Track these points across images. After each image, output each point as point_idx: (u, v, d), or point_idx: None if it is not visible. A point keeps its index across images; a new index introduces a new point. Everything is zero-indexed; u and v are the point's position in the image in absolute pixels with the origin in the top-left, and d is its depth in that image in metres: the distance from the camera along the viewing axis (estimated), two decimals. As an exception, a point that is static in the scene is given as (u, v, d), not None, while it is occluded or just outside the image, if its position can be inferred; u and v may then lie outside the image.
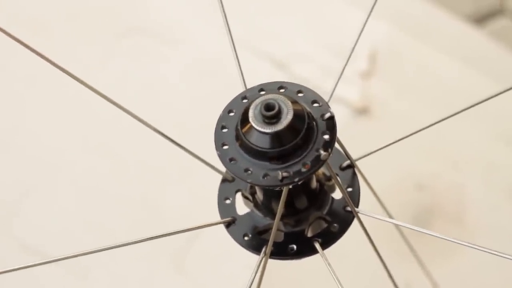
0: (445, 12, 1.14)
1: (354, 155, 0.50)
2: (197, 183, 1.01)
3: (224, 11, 0.47)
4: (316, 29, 1.13)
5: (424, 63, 1.10)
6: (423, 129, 0.50)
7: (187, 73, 1.11)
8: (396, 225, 0.61)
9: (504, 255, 0.43)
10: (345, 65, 0.49)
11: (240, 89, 0.47)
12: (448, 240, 0.45)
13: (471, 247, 0.44)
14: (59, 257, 0.45)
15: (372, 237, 0.48)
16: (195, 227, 0.47)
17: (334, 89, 0.50)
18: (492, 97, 0.48)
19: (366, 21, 0.49)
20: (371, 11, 0.49)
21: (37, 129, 1.07)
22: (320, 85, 1.04)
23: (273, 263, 0.47)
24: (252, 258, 0.47)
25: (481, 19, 1.17)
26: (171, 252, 0.97)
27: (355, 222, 0.48)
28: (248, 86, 0.46)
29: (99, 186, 1.03)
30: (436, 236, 0.46)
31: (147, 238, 0.46)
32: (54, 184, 1.03)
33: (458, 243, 0.45)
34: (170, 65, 1.12)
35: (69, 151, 1.05)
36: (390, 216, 0.56)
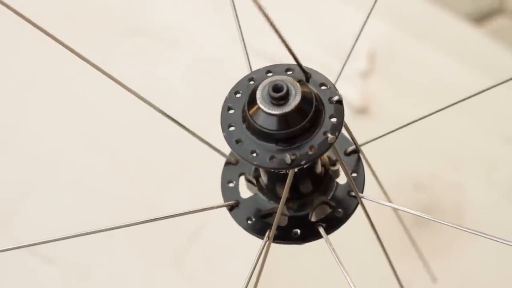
0: (445, 11, 1.14)
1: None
2: (196, 182, 1.01)
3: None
4: (314, 28, 1.13)
5: (423, 62, 1.10)
6: (420, 119, 0.50)
7: (187, 73, 1.11)
8: (398, 217, 0.61)
9: (506, 242, 0.44)
10: (344, 64, 0.49)
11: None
12: (452, 226, 0.45)
13: (474, 233, 0.44)
14: (33, 242, 0.44)
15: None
16: (198, 210, 0.47)
17: (335, 83, 0.50)
18: (484, 90, 0.48)
19: (366, 20, 0.49)
20: (370, 11, 0.49)
21: (36, 128, 1.07)
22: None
23: (274, 258, 0.46)
24: (254, 254, 0.46)
25: (480, 18, 1.17)
26: (172, 251, 0.97)
27: (359, 208, 0.48)
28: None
29: (99, 185, 1.03)
30: (439, 222, 0.46)
31: (146, 221, 0.46)
32: (54, 183, 1.03)
33: (461, 229, 0.45)
34: (170, 65, 1.12)
35: (68, 150, 1.05)
36: (390, 201, 0.56)
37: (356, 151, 0.49)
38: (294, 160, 0.40)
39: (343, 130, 0.46)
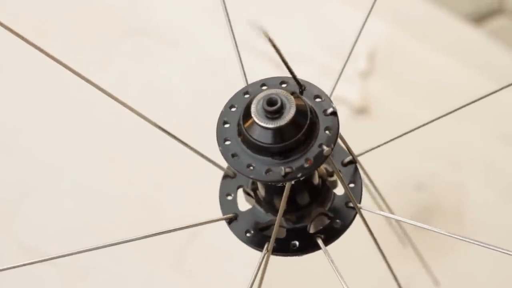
0: (444, 11, 1.14)
1: (355, 153, 0.50)
2: (196, 183, 1.01)
3: (225, 4, 0.47)
4: (315, 29, 1.13)
5: (423, 63, 1.10)
6: (424, 125, 0.50)
7: (187, 73, 1.11)
8: (398, 222, 0.61)
9: (504, 251, 0.44)
10: (344, 64, 0.49)
11: (241, 87, 0.47)
12: (449, 236, 0.45)
13: (472, 242, 0.44)
14: (55, 255, 0.45)
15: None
16: (197, 224, 0.47)
17: (334, 89, 0.50)
18: (488, 95, 0.48)
19: (365, 21, 0.49)
20: (370, 11, 0.49)
21: (37, 130, 1.07)
22: (319, 85, 1.04)
23: (273, 261, 0.47)
24: (253, 257, 0.46)
25: (480, 18, 1.17)
26: (172, 252, 0.97)
27: (357, 218, 0.48)
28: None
29: (99, 187, 1.03)
30: (437, 232, 0.46)
31: (149, 235, 0.46)
32: (54, 184, 1.03)
33: (459, 238, 0.45)
34: (171, 66, 1.12)
35: (69, 152, 1.05)
36: (391, 212, 0.56)
37: (353, 161, 0.49)
38: (290, 173, 0.40)
39: (340, 141, 0.47)
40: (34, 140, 1.07)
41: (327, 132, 0.41)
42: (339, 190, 0.48)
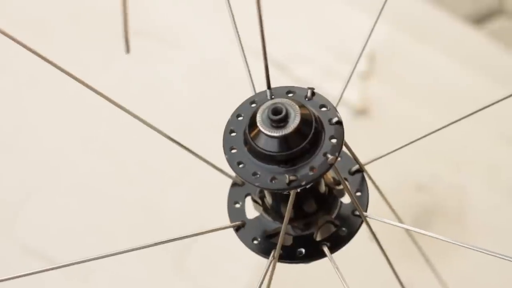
0: (444, 12, 1.14)
1: (361, 160, 0.49)
2: (198, 185, 1.01)
3: (234, 21, 0.47)
4: (316, 30, 1.13)
5: (423, 64, 1.10)
6: (434, 132, 0.50)
7: (189, 74, 1.11)
8: (411, 237, 0.61)
9: (504, 257, 0.44)
10: (352, 71, 0.49)
11: (242, 90, 0.47)
12: (457, 244, 0.45)
13: (474, 249, 0.44)
14: (63, 264, 0.45)
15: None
16: (204, 232, 0.47)
17: (342, 95, 0.50)
18: (502, 99, 0.48)
19: (373, 27, 0.49)
20: (378, 16, 0.49)
21: (39, 131, 1.07)
22: (320, 86, 1.04)
23: (278, 267, 0.47)
24: (253, 259, 0.47)
25: (480, 19, 1.17)
26: (172, 254, 0.97)
27: (363, 226, 0.48)
28: (248, 87, 0.46)
29: (101, 188, 1.03)
30: (446, 241, 0.46)
31: (154, 244, 0.46)
32: (56, 186, 1.03)
33: (465, 247, 0.45)
34: (172, 67, 1.12)
35: (70, 153, 1.05)
36: (400, 221, 0.56)
37: (360, 170, 0.49)
38: (294, 181, 0.40)
39: (347, 150, 0.47)
40: (35, 142, 1.07)
41: (332, 140, 0.41)
42: (347, 199, 0.49)
